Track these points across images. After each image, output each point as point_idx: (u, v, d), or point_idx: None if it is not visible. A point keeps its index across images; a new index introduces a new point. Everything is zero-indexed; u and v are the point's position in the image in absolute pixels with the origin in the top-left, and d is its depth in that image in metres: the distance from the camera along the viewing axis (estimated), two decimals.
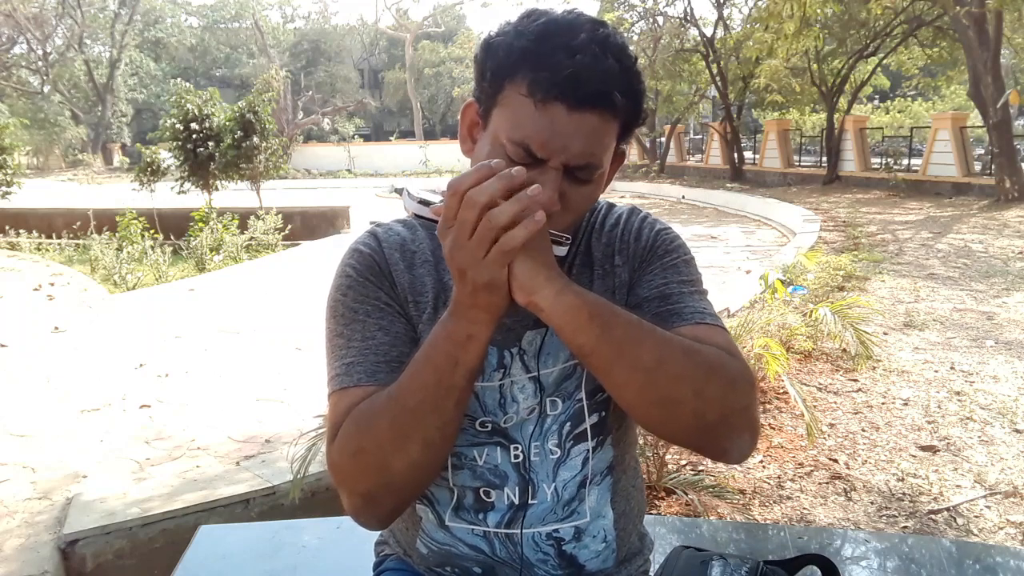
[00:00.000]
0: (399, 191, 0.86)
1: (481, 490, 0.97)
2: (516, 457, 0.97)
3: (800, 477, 3.07)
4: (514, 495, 0.97)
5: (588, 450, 0.98)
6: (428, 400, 0.83)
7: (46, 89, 38.66)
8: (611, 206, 1.04)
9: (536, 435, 0.96)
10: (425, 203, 0.84)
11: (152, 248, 9.95)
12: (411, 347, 0.91)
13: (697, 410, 0.82)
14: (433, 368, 0.82)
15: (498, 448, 0.96)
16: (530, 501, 0.97)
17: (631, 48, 0.87)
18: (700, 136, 29.50)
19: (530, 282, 0.77)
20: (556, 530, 0.97)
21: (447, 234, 0.76)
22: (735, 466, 3.14)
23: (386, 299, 0.94)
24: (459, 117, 0.95)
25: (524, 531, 0.97)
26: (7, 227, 12.23)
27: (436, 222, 0.80)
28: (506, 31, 0.86)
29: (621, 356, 0.80)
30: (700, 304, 0.94)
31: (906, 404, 3.89)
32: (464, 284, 0.77)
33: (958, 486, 2.98)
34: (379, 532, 1.13)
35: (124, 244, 10.16)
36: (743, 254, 10.16)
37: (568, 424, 0.97)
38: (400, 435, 0.84)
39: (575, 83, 0.81)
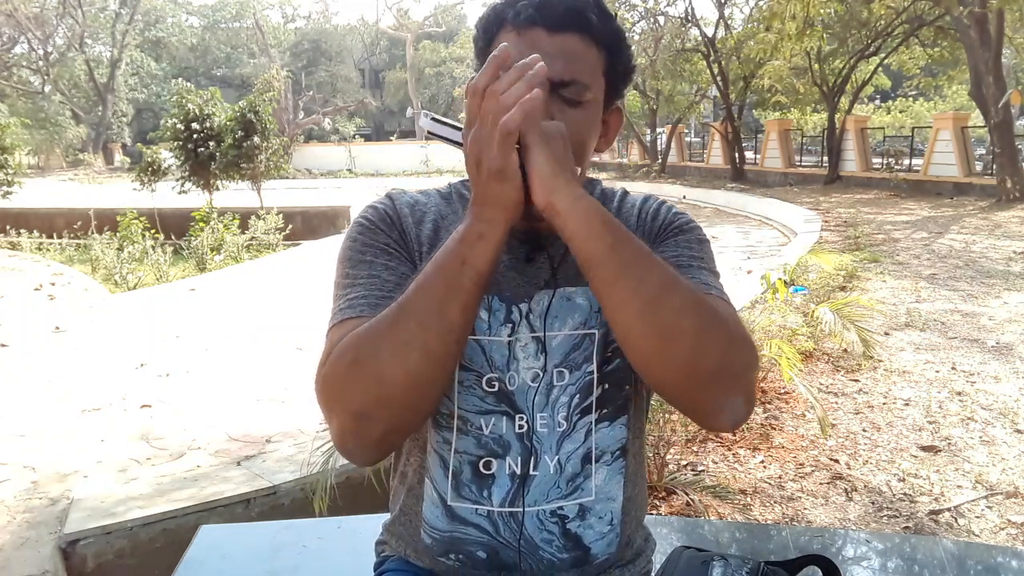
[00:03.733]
0: (417, 113, 0.90)
1: (481, 462, 0.97)
2: (520, 427, 0.97)
3: (801, 477, 3.07)
4: (516, 465, 0.97)
5: (592, 422, 0.98)
6: (433, 303, 0.81)
7: (47, 89, 38.66)
8: (626, 192, 1.08)
9: (542, 405, 0.97)
10: (440, 121, 0.87)
11: (153, 248, 9.97)
12: None
13: (695, 350, 0.80)
14: (441, 270, 0.81)
15: (504, 418, 0.97)
16: (531, 472, 0.97)
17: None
18: (701, 136, 29.50)
19: (550, 182, 0.78)
20: (560, 507, 0.97)
21: (469, 131, 0.79)
22: (735, 466, 3.14)
23: (395, 244, 0.96)
24: (464, 96, 0.96)
25: (527, 509, 0.97)
26: (8, 227, 12.25)
27: (450, 140, 0.85)
28: None
29: (628, 272, 0.79)
30: (708, 278, 0.95)
31: (907, 404, 3.89)
32: (480, 175, 0.79)
33: (959, 486, 2.98)
34: (379, 533, 1.13)
35: (125, 244, 10.17)
36: (744, 254, 10.16)
37: (577, 396, 0.97)
38: (400, 340, 0.81)
39: (551, 6, 0.88)
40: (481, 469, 0.98)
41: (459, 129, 0.86)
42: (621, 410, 1.00)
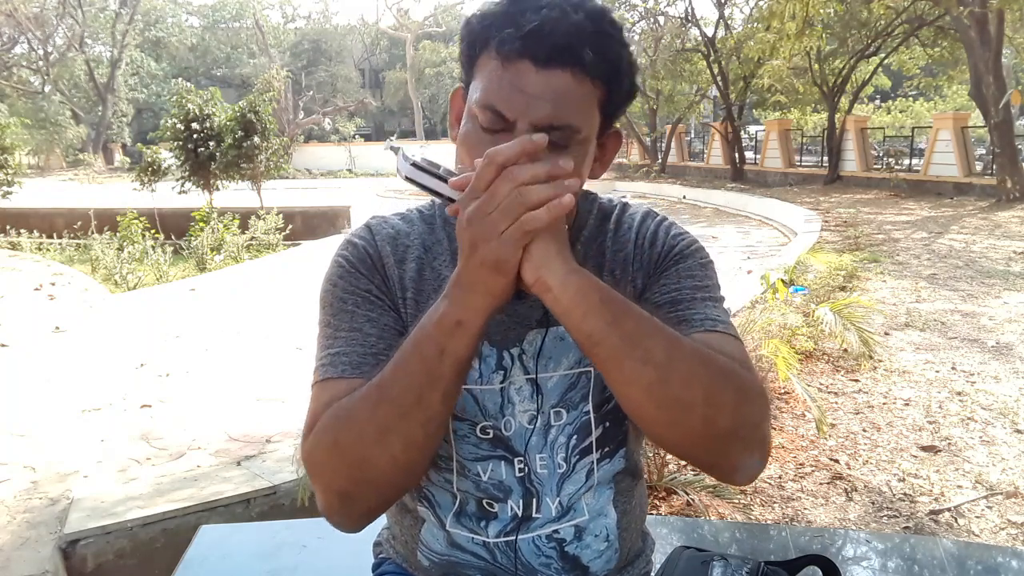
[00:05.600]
0: (395, 149, 0.81)
1: (484, 500, 0.96)
2: (520, 470, 0.94)
3: (801, 477, 3.07)
4: (518, 507, 0.95)
5: (593, 462, 0.96)
6: (412, 390, 0.78)
7: (47, 89, 38.63)
8: (625, 206, 1.00)
9: (540, 446, 0.94)
10: (421, 168, 0.78)
11: (153, 248, 9.97)
12: (400, 340, 0.84)
13: (707, 416, 0.77)
14: (419, 355, 0.78)
15: (502, 462, 0.94)
16: (534, 514, 0.95)
17: (621, 24, 0.85)
18: (701, 136, 29.49)
19: (541, 258, 0.73)
20: (556, 531, 0.96)
21: (469, 203, 0.72)
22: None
23: (376, 291, 0.91)
24: (450, 104, 0.94)
25: (522, 536, 0.95)
26: (8, 227, 12.24)
27: (433, 191, 0.77)
28: (483, 5, 0.86)
29: (631, 348, 0.75)
30: (713, 311, 0.90)
31: (907, 404, 3.89)
32: (472, 259, 0.73)
33: (959, 486, 2.98)
34: (377, 533, 1.12)
35: (125, 244, 10.17)
36: (743, 254, 10.16)
37: (575, 437, 0.94)
38: (381, 428, 0.79)
39: (539, 37, 0.78)
40: (485, 506, 0.96)
41: (443, 179, 0.77)
42: (621, 444, 0.97)
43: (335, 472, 0.82)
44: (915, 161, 18.15)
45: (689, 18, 21.56)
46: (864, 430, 3.56)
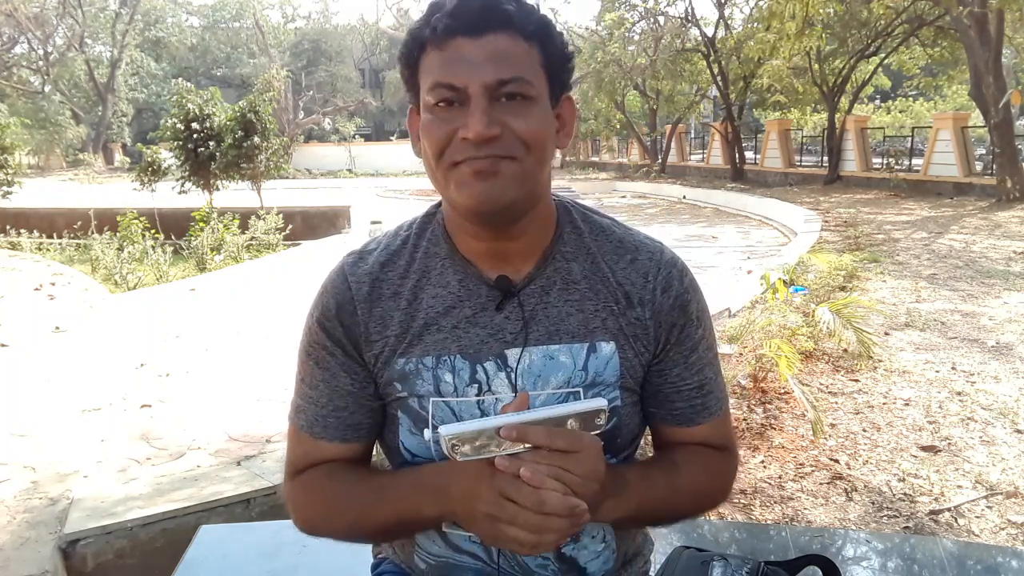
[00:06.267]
0: (436, 435, 0.86)
1: None
2: None
3: (801, 477, 3.07)
4: None
5: None
6: (386, 531, 0.97)
7: (47, 89, 38.66)
8: (639, 246, 0.99)
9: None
10: (470, 446, 0.79)
11: (153, 248, 9.97)
12: (347, 400, 0.96)
13: (692, 516, 1.05)
14: (400, 519, 0.92)
15: None
16: None
17: None
18: (701, 136, 29.49)
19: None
20: None
21: (511, 486, 0.78)
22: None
23: (335, 348, 0.96)
24: (407, 128, 0.97)
25: None
26: (8, 227, 12.25)
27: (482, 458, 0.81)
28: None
29: (642, 524, 1.03)
30: (720, 388, 1.02)
31: (907, 404, 3.88)
32: (474, 509, 0.82)
33: (959, 486, 2.98)
34: None
35: (125, 244, 10.17)
36: (743, 254, 10.16)
37: None
38: (352, 534, 0.99)
39: (464, 11, 0.83)
40: None
41: (492, 449, 0.79)
42: (614, 454, 0.97)
43: (309, 530, 1.00)
44: (915, 161, 18.15)
45: (689, 18, 21.56)
46: (864, 430, 3.56)
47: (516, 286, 0.93)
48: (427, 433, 0.93)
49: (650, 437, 1.06)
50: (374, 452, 1.03)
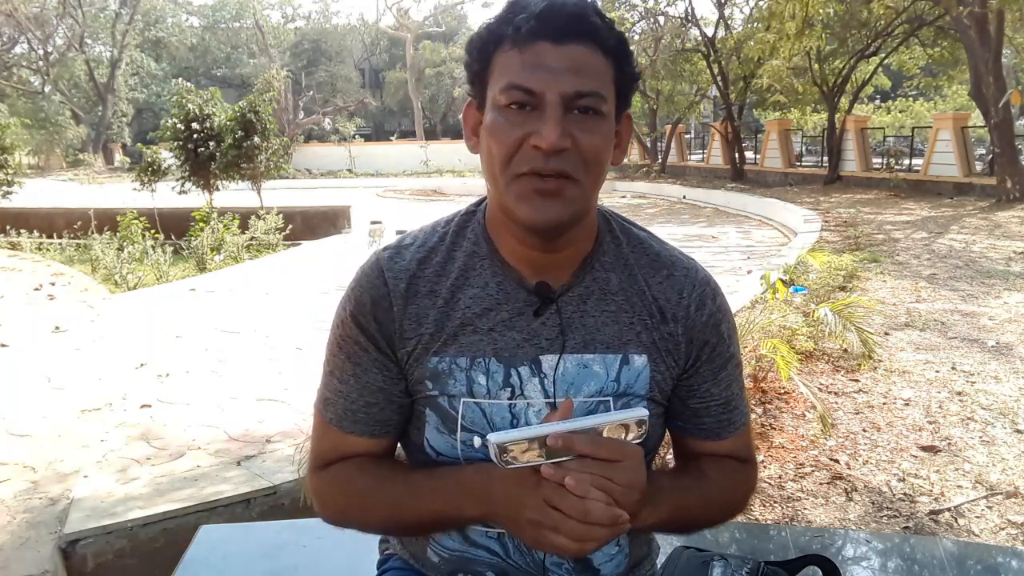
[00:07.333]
0: (485, 445, 0.87)
1: None
2: None
3: (801, 477, 3.07)
4: None
5: None
6: (421, 525, 0.96)
7: (47, 89, 38.64)
8: (674, 260, 1.01)
9: None
10: (514, 450, 0.80)
11: (153, 248, 9.97)
12: (378, 396, 0.95)
13: (715, 525, 1.08)
14: (436, 512, 0.92)
15: None
16: None
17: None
18: (701, 136, 29.48)
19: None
20: None
21: (556, 494, 0.80)
22: None
23: (368, 343, 0.94)
24: (462, 120, 0.96)
25: None
26: (8, 227, 12.24)
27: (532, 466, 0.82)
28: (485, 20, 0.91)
29: (672, 529, 1.01)
30: (744, 403, 1.04)
31: (907, 404, 3.89)
32: (518, 515, 0.83)
33: (959, 486, 2.98)
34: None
35: (125, 244, 10.17)
36: (743, 254, 10.16)
37: None
38: (385, 528, 1.02)
39: (552, 15, 0.83)
40: None
41: (538, 457, 0.80)
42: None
43: (338, 522, 0.99)
44: (915, 161, 18.14)
45: (689, 18, 21.55)
46: (864, 430, 3.56)
47: (555, 293, 0.94)
48: (459, 434, 0.93)
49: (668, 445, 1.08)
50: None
